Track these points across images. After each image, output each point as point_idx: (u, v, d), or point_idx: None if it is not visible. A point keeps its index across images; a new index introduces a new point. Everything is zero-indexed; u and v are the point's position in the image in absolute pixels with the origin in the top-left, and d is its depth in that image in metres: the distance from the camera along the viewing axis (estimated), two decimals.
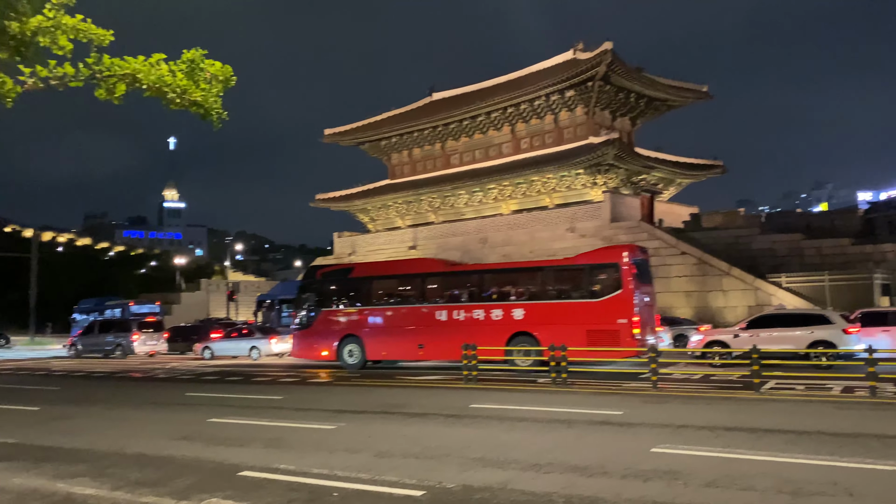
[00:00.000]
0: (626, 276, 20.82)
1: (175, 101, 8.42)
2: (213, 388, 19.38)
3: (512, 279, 23.77)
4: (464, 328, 22.56)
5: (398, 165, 55.28)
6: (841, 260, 33.80)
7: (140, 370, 27.49)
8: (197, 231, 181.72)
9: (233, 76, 8.61)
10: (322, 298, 26.19)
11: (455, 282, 24.50)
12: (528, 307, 22.13)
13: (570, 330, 20.55)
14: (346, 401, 15.68)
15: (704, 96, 48.05)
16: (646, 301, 21.60)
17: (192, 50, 8.46)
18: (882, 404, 13.12)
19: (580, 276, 22.11)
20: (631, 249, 22.07)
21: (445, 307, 23.61)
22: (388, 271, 27.09)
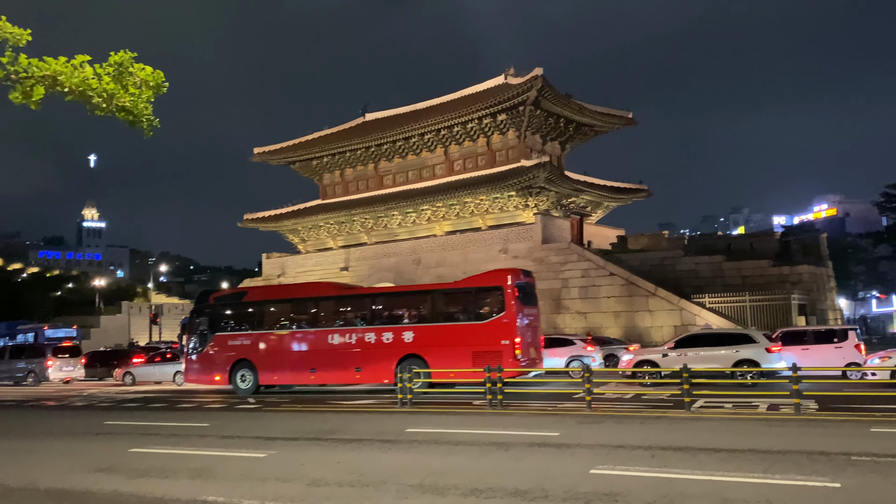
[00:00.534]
0: (510, 299, 21.47)
1: (101, 106, 7.89)
2: (134, 416, 18.46)
3: (402, 303, 24.19)
4: (355, 352, 23.02)
5: (330, 185, 54.69)
6: (760, 281, 35.14)
7: (54, 398, 26.01)
8: (118, 252, 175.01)
9: (164, 82, 8.13)
10: (215, 323, 25.98)
11: (346, 305, 24.82)
12: (418, 330, 22.51)
13: (458, 352, 21.26)
14: (277, 427, 15.15)
15: (629, 122, 49.51)
16: (528, 323, 22.30)
17: (121, 52, 7.93)
18: (807, 421, 13.54)
19: (466, 299, 22.77)
20: (514, 273, 22.72)
21: (337, 331, 23.79)
22: (280, 295, 27.30)
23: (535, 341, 22.85)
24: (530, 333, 22.33)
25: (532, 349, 22.16)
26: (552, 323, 37.97)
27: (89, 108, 8.02)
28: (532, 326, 22.65)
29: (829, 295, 37.75)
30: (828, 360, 21.92)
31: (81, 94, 7.77)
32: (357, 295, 26.05)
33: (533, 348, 22.32)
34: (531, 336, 22.39)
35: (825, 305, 36.43)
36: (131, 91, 7.86)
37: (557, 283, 38.38)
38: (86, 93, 7.75)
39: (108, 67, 7.91)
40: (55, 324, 56.22)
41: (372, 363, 22.69)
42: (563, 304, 37.99)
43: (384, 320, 23.52)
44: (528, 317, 22.41)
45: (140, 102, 7.95)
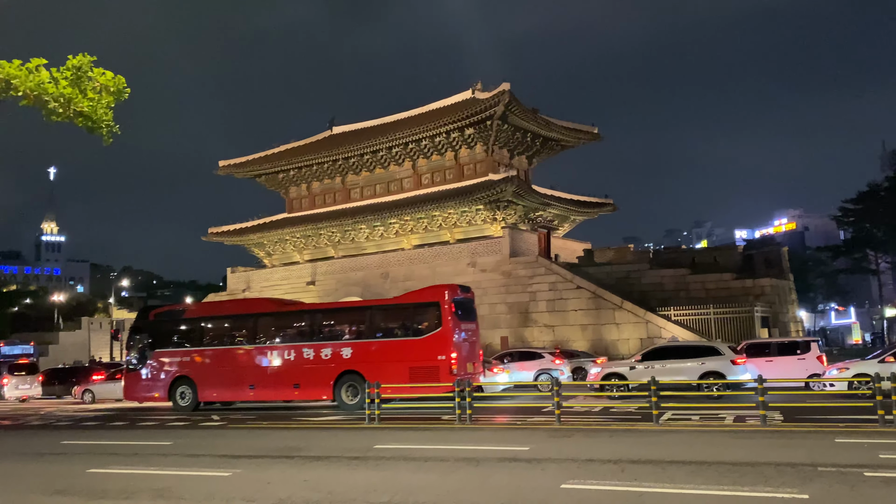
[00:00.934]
0: (447, 315, 21.62)
1: (57, 111, 7.59)
2: (93, 435, 17.93)
3: (341, 319, 24.36)
4: (294, 368, 23.00)
5: (297, 199, 54.25)
6: (724, 294, 35.65)
7: (10, 417, 25.20)
8: (78, 266, 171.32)
9: (126, 87, 7.87)
10: (155, 340, 25.74)
11: (286, 322, 24.81)
12: (356, 346, 22.63)
13: (395, 367, 21.29)
14: (242, 444, 14.83)
15: (595, 137, 50.08)
16: (466, 338, 22.47)
17: (79, 56, 7.65)
18: (773, 432, 13.68)
19: (404, 315, 22.95)
20: (451, 289, 22.82)
21: (276, 347, 23.71)
22: (220, 312, 27.33)
23: (474, 356, 23.04)
24: (468, 348, 22.50)
25: (470, 364, 22.32)
26: (520, 336, 38.05)
27: (45, 113, 7.73)
28: (470, 341, 22.84)
29: (790, 307, 38.45)
30: (791, 372, 22.28)
31: (37, 98, 7.48)
32: (296, 311, 25.85)
33: (471, 363, 22.48)
34: (468, 351, 22.53)
35: (787, 318, 37.09)
36: (90, 96, 7.59)
37: (526, 297, 38.49)
38: (41, 97, 7.46)
39: (65, 72, 7.63)
40: (11, 340, 54.66)
41: (310, 379, 22.69)
42: (532, 318, 38.09)
43: (323, 336, 23.48)
44: (466, 332, 22.58)
45: (99, 108, 7.68)
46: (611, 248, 44.39)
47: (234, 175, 56.04)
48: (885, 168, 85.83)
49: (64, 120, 7.70)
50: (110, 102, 7.84)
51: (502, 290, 39.41)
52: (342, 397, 22.13)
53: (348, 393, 22.08)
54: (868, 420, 14.30)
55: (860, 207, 58.82)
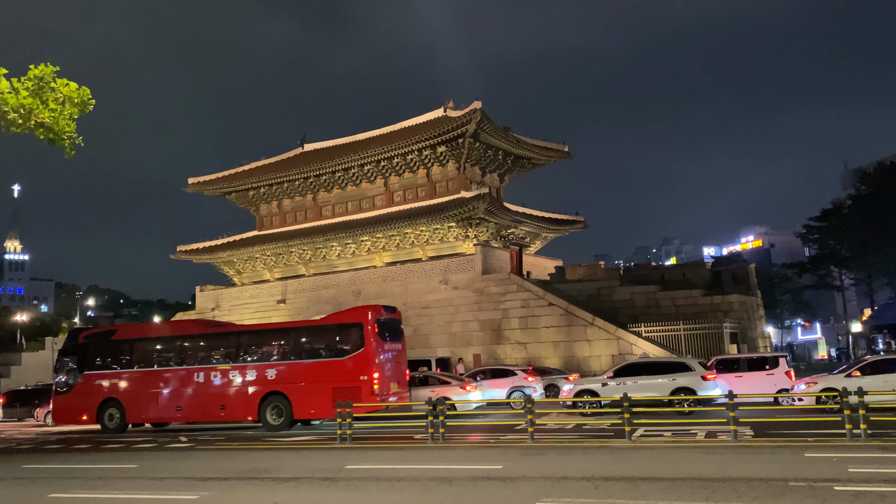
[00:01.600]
0: (369, 335, 21.98)
1: (17, 122, 7.38)
2: (56, 459, 17.43)
3: (267, 340, 24.54)
4: (220, 389, 23.29)
5: (267, 216, 53.82)
6: (693, 310, 36.01)
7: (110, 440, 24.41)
8: (42, 285, 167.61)
9: (91, 99, 7.67)
10: (84, 361, 25.86)
11: (213, 343, 24.92)
12: (280, 367, 22.89)
13: (319, 388, 21.72)
14: (210, 467, 14.52)
15: (566, 155, 50.51)
16: (390, 358, 22.86)
17: (42, 66, 7.43)
18: (744, 447, 13.77)
19: (328, 336, 23.24)
20: (375, 310, 23.27)
21: (202, 368, 23.90)
22: (149, 333, 27.58)
23: (399, 375, 23.31)
24: (392, 368, 22.81)
25: (394, 384, 22.68)
26: (493, 353, 38.00)
27: (4, 124, 7.51)
28: (395, 361, 23.15)
29: (758, 323, 38.97)
30: (760, 387, 22.52)
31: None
32: (222, 333, 25.99)
33: (395, 383, 22.82)
34: (393, 371, 22.81)
35: (755, 333, 37.57)
36: (52, 107, 7.40)
37: (498, 314, 38.50)
38: (0, 108, 7.26)
39: (26, 82, 7.43)
40: None
41: (236, 400, 22.95)
42: (504, 335, 38.09)
43: (249, 358, 23.69)
44: (391, 352, 22.92)
45: (62, 119, 7.48)
46: (582, 265, 44.66)
47: (204, 192, 55.42)
48: (848, 186, 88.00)
49: (24, 131, 7.50)
50: (74, 114, 7.64)
51: (475, 308, 39.40)
52: (267, 418, 22.37)
53: (273, 414, 22.33)
54: (836, 434, 14.48)
55: (824, 225, 60.07)
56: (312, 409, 22.16)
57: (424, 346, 40.01)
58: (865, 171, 63.95)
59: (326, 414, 21.96)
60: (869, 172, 60.71)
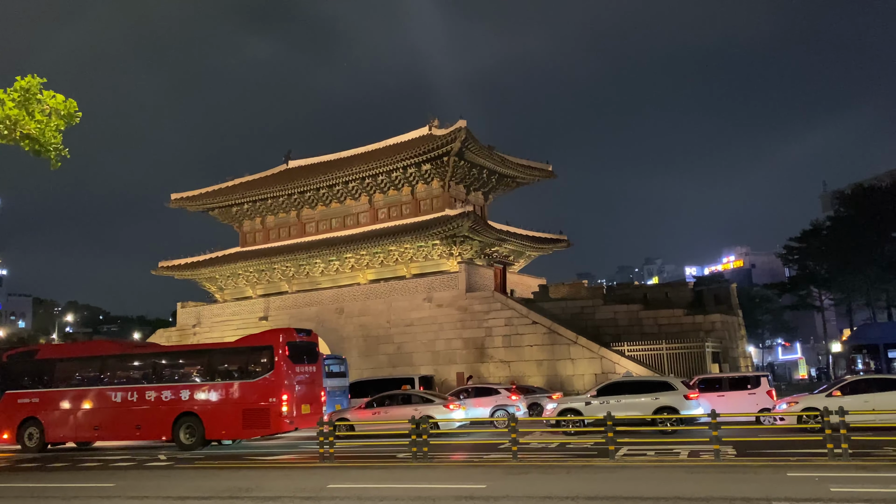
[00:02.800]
0: (280, 358, 22.37)
1: (2, 133, 7.31)
2: (31, 478, 17.10)
3: (182, 361, 25.08)
4: (136, 409, 23.66)
5: (250, 233, 53.54)
6: (676, 330, 36.17)
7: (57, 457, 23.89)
8: (20, 301, 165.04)
9: (77, 111, 7.61)
10: (6, 381, 26.15)
11: (130, 364, 25.41)
12: (194, 388, 23.30)
13: (230, 409, 22.33)
14: (190, 486, 14.30)
15: (549, 174, 50.83)
16: (303, 381, 23.25)
17: (28, 77, 7.38)
18: (726, 467, 13.79)
19: (241, 358, 23.62)
20: (287, 333, 23.73)
21: (119, 388, 24.34)
22: (68, 354, 27.67)
23: (312, 398, 23.62)
24: (304, 391, 23.17)
25: (306, 406, 23.05)
26: (477, 372, 37.89)
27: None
28: (308, 384, 23.51)
29: (740, 343, 39.21)
30: (742, 406, 22.59)
31: None
32: (140, 353, 26.36)
33: (307, 405, 23.15)
34: (305, 393, 23.18)
35: (737, 353, 37.78)
36: (38, 118, 7.34)
37: (482, 332, 38.46)
38: None
39: (12, 93, 7.38)
40: None
41: (151, 420, 23.34)
42: (488, 353, 38.03)
43: (164, 378, 24.15)
44: (303, 375, 23.31)
45: (48, 131, 7.43)
46: (565, 283, 44.78)
47: (187, 208, 55.08)
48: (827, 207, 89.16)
49: (9, 143, 7.43)
50: (60, 126, 7.58)
51: (458, 326, 39.34)
52: (181, 438, 22.81)
53: (186, 434, 22.77)
54: (818, 454, 14.55)
55: (804, 246, 60.65)
56: (223, 430, 22.69)
57: (407, 364, 39.84)
58: (844, 192, 64.82)
59: (237, 435, 22.69)
60: (847, 194, 61.49)
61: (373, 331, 42.15)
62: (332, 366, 31.47)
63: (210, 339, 48.69)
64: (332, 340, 43.51)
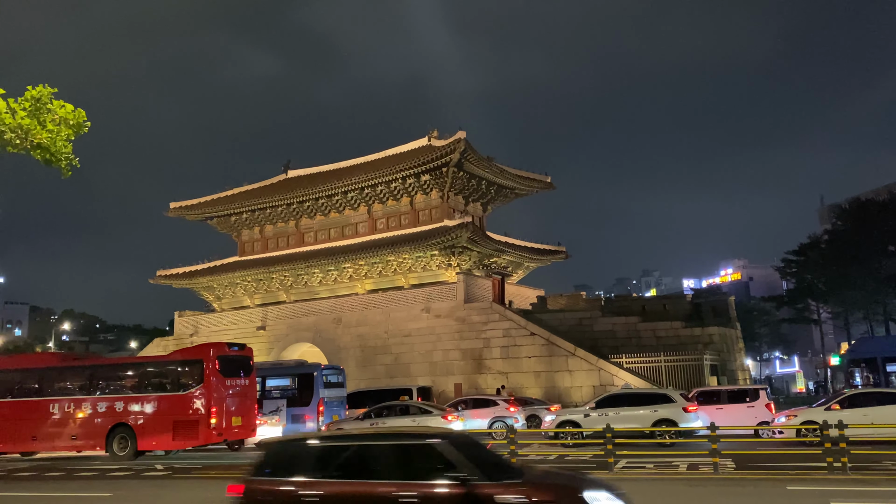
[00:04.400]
0: (209, 372, 22.95)
1: (14, 142, 7.34)
2: (27, 487, 16.99)
3: (117, 374, 25.56)
4: (73, 419, 24.18)
5: (249, 242, 53.55)
6: (674, 342, 36.13)
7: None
8: (16, 309, 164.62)
9: (86, 121, 7.65)
10: None
11: (68, 376, 25.74)
12: (127, 400, 23.81)
13: (161, 421, 22.90)
14: (186, 496, 14.24)
15: (548, 186, 50.95)
16: (234, 394, 23.77)
17: (39, 87, 7.43)
18: (726, 480, 13.75)
19: (172, 371, 24.15)
20: (218, 347, 24.31)
21: (56, 400, 24.77)
22: (10, 366, 27.92)
23: (245, 411, 24.11)
24: (236, 404, 23.68)
25: (237, 418, 23.61)
26: (474, 383, 37.82)
27: (1, 144, 7.47)
28: (240, 397, 23.99)
29: (738, 355, 39.18)
30: (741, 419, 22.53)
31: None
32: (77, 366, 26.64)
33: (239, 417, 23.70)
34: (237, 406, 23.72)
35: (735, 366, 37.75)
36: (49, 128, 7.39)
37: (480, 343, 38.41)
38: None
39: (24, 102, 7.41)
40: None
41: (87, 431, 23.86)
42: (485, 364, 37.96)
43: (100, 390, 24.59)
44: (234, 388, 23.83)
45: (59, 140, 7.47)
46: (563, 294, 44.77)
47: (186, 217, 55.11)
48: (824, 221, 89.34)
49: (21, 151, 7.47)
50: (69, 135, 7.62)
51: (456, 336, 39.28)
52: (114, 449, 23.32)
53: (120, 445, 23.31)
54: (817, 467, 14.51)
55: (801, 259, 60.75)
56: (154, 441, 23.20)
57: (405, 375, 39.75)
58: (841, 206, 65.01)
59: (168, 446, 23.22)
60: (844, 208, 61.69)
61: (370, 341, 42.07)
62: (330, 376, 31.41)
63: None
64: (329, 350, 43.43)
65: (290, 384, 31.22)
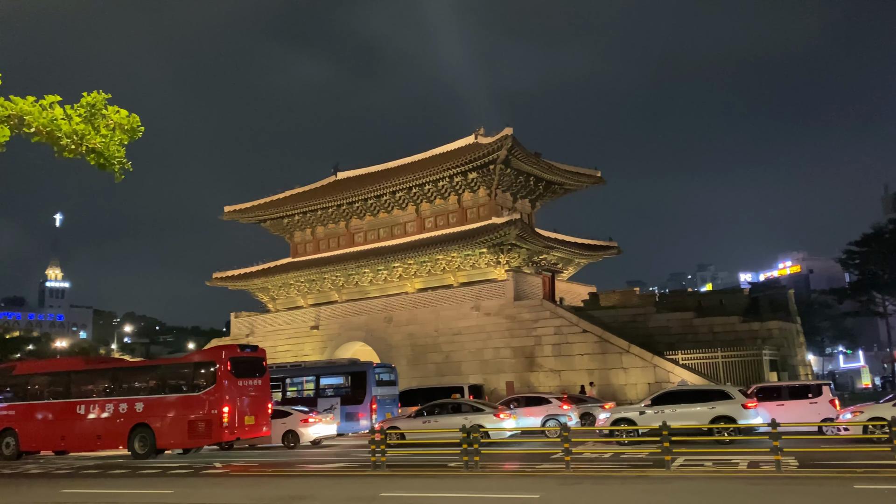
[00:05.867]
0: (222, 373, 23.85)
1: (69, 147, 7.57)
2: (93, 484, 17.56)
3: (136, 376, 26.51)
4: (97, 420, 25.33)
5: (301, 243, 54.34)
6: (731, 337, 35.27)
7: (7, 465, 24.77)
8: (82, 312, 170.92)
9: (140, 126, 7.84)
10: None
11: (92, 378, 26.79)
12: (146, 401, 24.78)
13: (178, 421, 23.88)
14: (243, 493, 14.50)
15: (598, 180, 50.23)
16: (246, 393, 24.58)
17: (94, 93, 7.66)
18: (788, 478, 13.31)
19: (188, 372, 24.93)
20: (230, 349, 25.46)
21: (82, 402, 25.90)
22: (41, 369, 29.12)
23: (257, 410, 24.86)
24: (249, 403, 24.51)
25: (250, 417, 24.42)
26: (526, 381, 37.60)
27: (57, 150, 7.71)
28: (253, 396, 24.80)
29: (798, 350, 38.02)
30: (803, 416, 21.85)
31: (49, 135, 7.47)
32: (100, 369, 27.66)
33: (252, 416, 24.52)
34: (249, 406, 24.51)
35: (795, 361, 36.65)
36: (103, 133, 7.61)
37: (530, 341, 38.16)
38: (54, 134, 7.46)
39: (79, 108, 7.64)
40: None
41: (110, 431, 24.90)
42: (537, 362, 37.70)
43: (121, 392, 25.56)
44: (247, 388, 24.66)
45: (112, 144, 7.68)
46: (616, 291, 44.12)
47: (239, 220, 56.23)
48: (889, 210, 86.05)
49: (76, 156, 7.71)
50: (123, 140, 7.83)
51: (506, 334, 39.11)
52: (135, 448, 24.24)
53: (140, 444, 24.23)
54: (887, 465, 13.95)
55: (865, 250, 58.63)
56: (172, 440, 24.17)
57: (456, 374, 39.76)
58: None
59: (184, 444, 24.24)
60: None
61: (421, 339, 42.22)
62: (382, 374, 31.64)
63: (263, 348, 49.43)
64: (381, 349, 43.76)
65: (343, 382, 31.60)
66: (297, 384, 32.98)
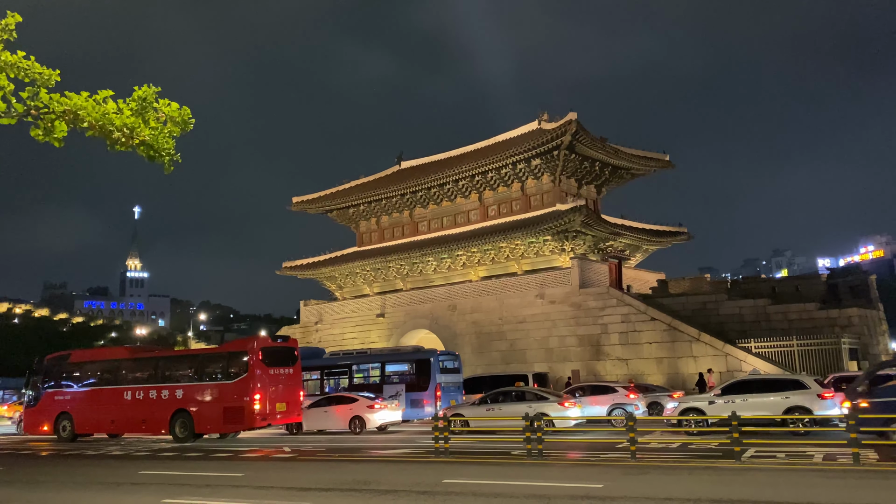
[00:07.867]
0: (254, 362, 25.18)
1: (121, 140, 7.84)
2: (169, 466, 18.30)
3: (177, 364, 28.02)
4: (142, 405, 26.92)
5: (366, 233, 55.07)
6: (808, 325, 33.98)
7: (91, 447, 26.08)
8: (160, 301, 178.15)
9: (191, 119, 8.04)
10: (47, 380, 30.07)
11: (137, 367, 28.30)
12: (186, 388, 26.28)
13: (214, 407, 25.27)
14: (312, 478, 14.83)
15: (667, 164, 49.02)
16: (277, 381, 25.75)
17: (145, 87, 7.91)
18: (867, 472, 12.75)
19: (223, 361, 26.27)
20: (262, 340, 27.38)
21: (129, 388, 27.60)
22: (93, 357, 30.94)
23: (289, 397, 26.10)
24: (280, 391, 25.75)
25: (282, 404, 25.65)
26: (592, 369, 37.18)
27: (110, 143, 7.98)
28: (284, 384, 26.02)
29: (881, 339, 36.31)
30: None
31: (101, 129, 7.75)
32: (144, 358, 29.06)
33: (284, 403, 25.77)
34: (281, 393, 25.75)
35: (878, 350, 35.02)
36: (153, 125, 7.86)
37: (597, 329, 37.68)
38: (106, 128, 7.74)
39: (131, 102, 7.90)
40: None
41: (154, 416, 26.43)
42: (603, 351, 37.21)
43: (164, 379, 27.08)
44: (278, 376, 25.87)
45: (161, 136, 7.92)
46: (686, 278, 43.05)
47: (307, 210, 57.40)
48: None
49: (127, 149, 7.97)
50: (174, 132, 8.06)
51: (572, 322, 38.72)
52: (176, 432, 25.84)
53: (181, 428, 25.77)
54: None
55: None
56: (209, 425, 25.55)
57: (521, 362, 39.66)
58: None
59: (219, 429, 25.49)
60: None
61: (485, 327, 42.24)
62: (446, 362, 31.82)
63: (331, 335, 50.49)
64: (445, 337, 44.01)
65: (408, 369, 31.95)
66: (363, 371, 33.53)
